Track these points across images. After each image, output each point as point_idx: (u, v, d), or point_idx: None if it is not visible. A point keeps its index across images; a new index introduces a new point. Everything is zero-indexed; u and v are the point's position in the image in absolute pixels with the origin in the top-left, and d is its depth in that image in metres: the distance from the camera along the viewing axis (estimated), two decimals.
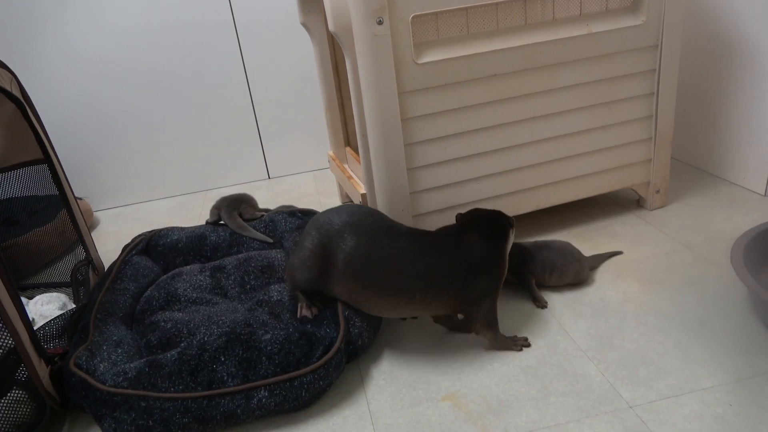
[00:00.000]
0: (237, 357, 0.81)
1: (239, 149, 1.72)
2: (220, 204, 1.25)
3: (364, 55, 0.94)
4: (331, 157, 1.47)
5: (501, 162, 1.11)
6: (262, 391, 0.79)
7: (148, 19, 1.53)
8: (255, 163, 1.75)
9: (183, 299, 1.01)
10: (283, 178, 1.76)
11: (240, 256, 1.11)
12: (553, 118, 1.10)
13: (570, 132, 1.13)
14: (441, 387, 0.84)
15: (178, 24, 1.54)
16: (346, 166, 1.42)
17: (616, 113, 1.14)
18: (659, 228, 1.19)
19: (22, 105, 1.02)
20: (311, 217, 1.19)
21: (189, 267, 1.10)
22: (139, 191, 1.72)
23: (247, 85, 1.64)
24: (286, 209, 1.25)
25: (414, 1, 0.94)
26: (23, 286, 1.19)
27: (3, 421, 0.77)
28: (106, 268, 1.11)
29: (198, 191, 1.75)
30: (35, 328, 0.86)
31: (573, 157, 1.15)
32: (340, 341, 0.85)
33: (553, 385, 0.81)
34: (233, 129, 1.69)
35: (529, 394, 0.80)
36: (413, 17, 0.95)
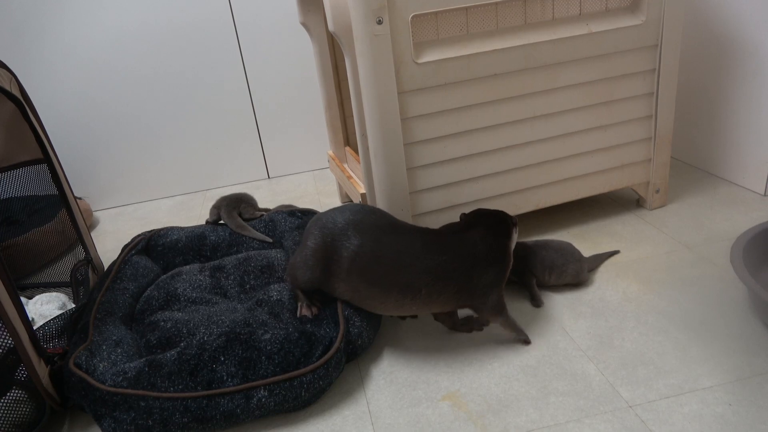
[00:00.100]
0: (236, 357, 0.81)
1: (239, 149, 1.72)
2: (219, 203, 1.25)
3: (363, 54, 0.94)
4: (330, 157, 1.47)
5: (501, 162, 1.11)
6: (262, 391, 0.79)
7: (148, 19, 1.52)
8: (255, 162, 1.75)
9: (182, 299, 1.01)
10: (283, 178, 1.76)
11: (240, 255, 1.11)
12: (553, 118, 1.10)
13: (570, 132, 1.13)
14: (441, 387, 0.84)
15: (178, 24, 1.54)
16: (346, 165, 1.42)
17: (615, 113, 1.14)
18: (659, 228, 1.19)
19: (21, 105, 1.02)
20: (311, 217, 1.20)
21: (189, 267, 1.10)
22: (138, 191, 1.71)
23: (247, 85, 1.64)
24: (286, 209, 1.25)
25: (414, 0, 0.94)
26: (23, 285, 1.19)
27: (2, 421, 0.77)
28: (106, 268, 1.11)
29: (198, 191, 1.75)
30: (35, 327, 0.86)
31: (573, 157, 1.15)
32: (339, 341, 0.85)
33: (552, 385, 0.81)
34: (233, 129, 1.69)
35: (529, 394, 0.80)
36: (413, 17, 0.95)
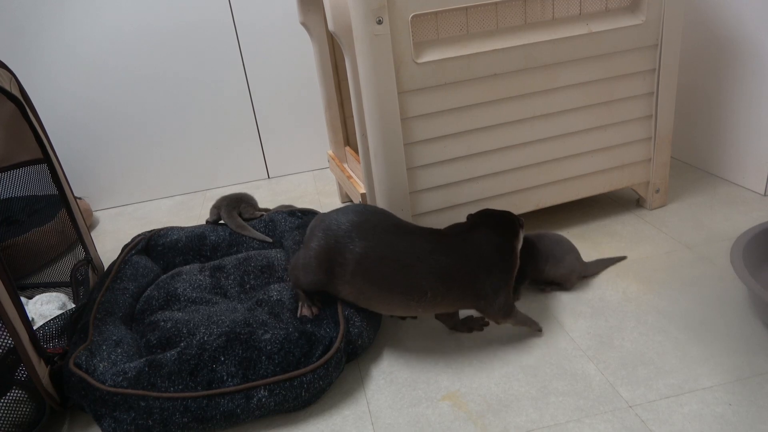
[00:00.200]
0: (237, 357, 0.81)
1: (239, 149, 1.72)
2: (220, 203, 1.25)
3: (363, 54, 0.94)
4: (330, 157, 1.47)
5: (501, 161, 1.11)
6: (262, 391, 0.79)
7: (148, 19, 1.52)
8: (255, 162, 1.75)
9: (182, 299, 1.01)
10: (283, 178, 1.76)
11: (240, 255, 1.11)
12: (553, 118, 1.10)
13: (569, 131, 1.13)
14: (441, 386, 0.84)
15: (178, 24, 1.54)
16: (346, 165, 1.42)
17: (615, 113, 1.14)
18: (659, 228, 1.19)
19: (21, 105, 1.02)
20: (311, 217, 1.20)
21: (188, 267, 1.10)
22: (138, 191, 1.71)
23: (246, 85, 1.64)
24: (286, 209, 1.25)
25: (414, 0, 0.93)
26: (23, 285, 1.19)
27: (2, 421, 0.77)
28: (106, 268, 1.11)
29: (198, 191, 1.75)
30: (35, 327, 0.86)
31: (573, 157, 1.15)
32: (339, 341, 0.85)
33: (552, 385, 0.81)
34: (233, 129, 1.69)
35: (529, 394, 0.80)
36: (413, 17, 0.95)
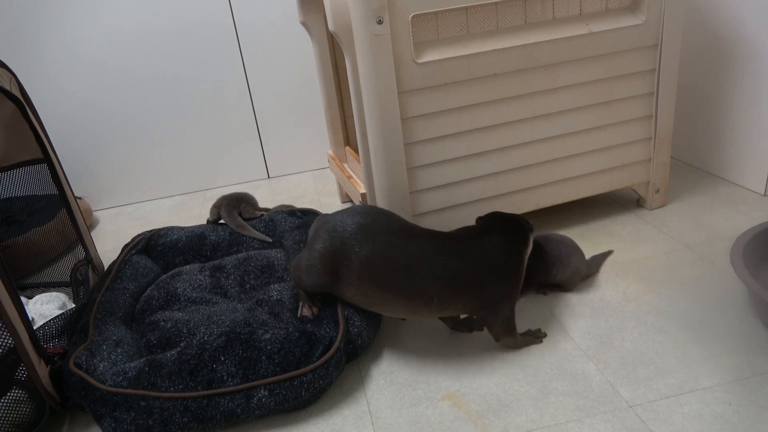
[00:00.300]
0: (237, 356, 0.81)
1: (239, 149, 1.72)
2: (220, 203, 1.25)
3: (363, 54, 0.94)
4: (330, 157, 1.47)
5: (501, 161, 1.11)
6: (262, 391, 0.79)
7: (148, 19, 1.52)
8: (255, 162, 1.75)
9: (183, 299, 1.01)
10: (283, 178, 1.76)
11: (240, 255, 1.11)
12: (553, 118, 1.10)
13: (570, 131, 1.13)
14: (441, 387, 0.84)
15: (178, 24, 1.54)
16: (346, 165, 1.42)
17: (615, 113, 1.14)
18: (659, 228, 1.19)
19: (21, 104, 1.02)
20: (311, 217, 1.20)
21: (189, 266, 1.10)
22: (138, 191, 1.71)
23: (247, 85, 1.64)
24: (286, 209, 1.25)
25: (414, 0, 0.93)
26: (23, 285, 1.19)
27: (2, 421, 0.77)
28: (106, 268, 1.11)
29: (198, 191, 1.75)
30: (35, 327, 0.86)
31: (573, 157, 1.15)
32: (339, 340, 0.85)
33: (552, 385, 0.81)
34: (233, 129, 1.69)
35: (529, 394, 0.80)
36: (413, 17, 0.95)
